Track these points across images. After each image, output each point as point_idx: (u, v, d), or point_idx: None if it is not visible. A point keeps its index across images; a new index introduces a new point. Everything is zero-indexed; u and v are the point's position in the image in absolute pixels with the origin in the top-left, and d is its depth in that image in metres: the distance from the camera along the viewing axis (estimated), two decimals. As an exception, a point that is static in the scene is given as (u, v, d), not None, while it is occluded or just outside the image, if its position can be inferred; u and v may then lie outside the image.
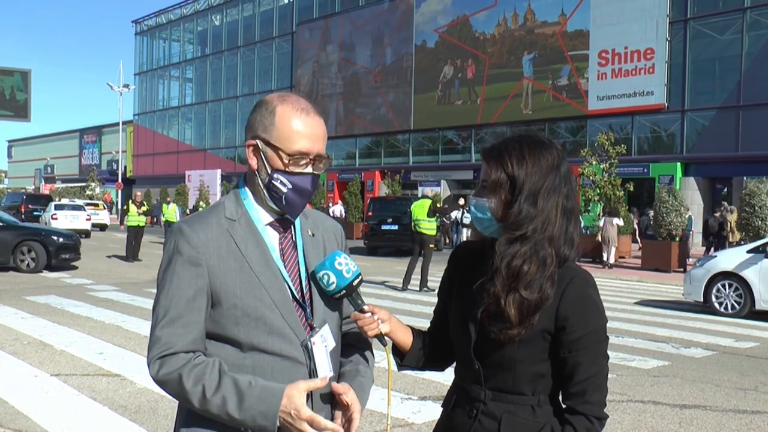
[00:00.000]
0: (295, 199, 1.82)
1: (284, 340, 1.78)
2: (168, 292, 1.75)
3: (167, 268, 1.77)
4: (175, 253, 1.77)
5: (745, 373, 7.73)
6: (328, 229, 2.02)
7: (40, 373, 6.79)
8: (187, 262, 1.75)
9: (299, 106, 1.81)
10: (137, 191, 23.24)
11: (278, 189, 1.80)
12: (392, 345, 2.01)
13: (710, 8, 31.72)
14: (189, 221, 1.81)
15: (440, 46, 41.58)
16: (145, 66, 68.01)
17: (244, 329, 1.76)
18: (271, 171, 1.81)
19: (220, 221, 1.81)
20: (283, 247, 1.87)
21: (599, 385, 1.80)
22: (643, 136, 33.67)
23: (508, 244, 1.80)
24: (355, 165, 46.21)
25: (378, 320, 1.88)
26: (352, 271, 1.84)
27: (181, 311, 1.74)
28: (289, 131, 1.79)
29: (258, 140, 1.81)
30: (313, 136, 1.81)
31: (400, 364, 2.06)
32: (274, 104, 1.82)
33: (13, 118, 31.56)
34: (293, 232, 1.91)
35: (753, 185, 19.90)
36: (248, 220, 1.84)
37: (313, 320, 1.84)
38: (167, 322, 1.73)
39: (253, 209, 1.86)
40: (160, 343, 1.72)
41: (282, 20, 52.74)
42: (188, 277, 1.75)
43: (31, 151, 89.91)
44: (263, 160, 1.81)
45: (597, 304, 1.83)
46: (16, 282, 14.30)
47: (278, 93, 1.87)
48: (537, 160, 1.81)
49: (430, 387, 6.51)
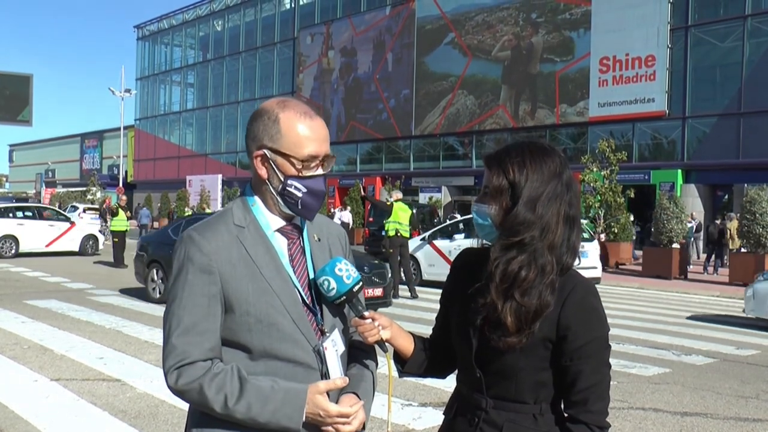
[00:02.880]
0: (311, 202, 1.83)
1: (296, 346, 1.78)
2: (181, 301, 1.75)
3: (178, 277, 1.77)
4: (186, 261, 1.76)
5: (746, 380, 7.71)
6: (333, 234, 2.03)
7: (40, 377, 6.78)
8: (200, 270, 1.75)
9: (301, 110, 1.82)
10: (123, 195, 22.86)
11: (293, 195, 1.81)
12: (393, 352, 2.00)
13: (711, 15, 31.79)
14: (198, 229, 1.81)
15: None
16: (146, 71, 68.13)
17: (257, 335, 1.76)
18: (284, 178, 1.81)
19: (230, 228, 1.81)
20: (292, 252, 1.88)
21: (601, 393, 1.79)
22: (644, 143, 33.69)
23: (503, 250, 1.78)
24: (356, 171, 46.22)
25: (378, 326, 1.87)
26: (352, 277, 1.84)
27: (195, 319, 1.73)
28: (297, 137, 1.79)
29: (266, 150, 1.81)
30: (319, 138, 1.82)
31: (402, 371, 2.05)
32: (275, 112, 1.82)
33: (15, 123, 31.60)
34: (301, 237, 1.91)
35: (754, 192, 19.88)
36: (257, 227, 1.84)
37: (323, 325, 1.85)
38: (182, 331, 1.73)
39: (262, 216, 1.86)
40: (177, 352, 1.72)
41: (283, 26, 52.86)
42: (201, 284, 1.74)
43: (32, 155, 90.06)
44: (274, 169, 1.81)
45: (599, 312, 1.82)
46: (16, 286, 14.29)
47: (275, 100, 1.86)
48: (539, 166, 1.80)
49: (431, 393, 6.50)
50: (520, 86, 37.55)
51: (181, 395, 1.73)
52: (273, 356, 1.77)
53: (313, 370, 1.80)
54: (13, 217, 22.19)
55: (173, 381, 1.71)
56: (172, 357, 1.72)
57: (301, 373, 1.78)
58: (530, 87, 37.15)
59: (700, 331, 11.33)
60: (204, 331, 1.73)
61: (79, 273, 17.48)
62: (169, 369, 1.72)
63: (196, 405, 1.75)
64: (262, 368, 1.76)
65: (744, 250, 19.86)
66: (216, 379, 1.70)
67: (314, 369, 1.80)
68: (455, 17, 40.75)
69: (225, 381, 1.70)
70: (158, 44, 67.16)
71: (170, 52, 66.13)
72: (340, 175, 45.88)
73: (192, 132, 63.06)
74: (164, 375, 1.73)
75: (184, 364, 1.71)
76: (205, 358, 1.72)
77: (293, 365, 1.78)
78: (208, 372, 1.70)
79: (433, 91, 41.92)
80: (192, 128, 62.99)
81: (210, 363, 1.73)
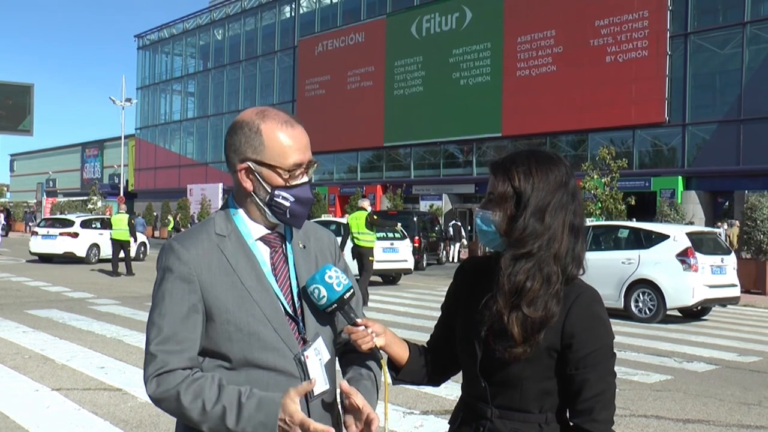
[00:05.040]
0: (300, 210, 1.84)
1: (278, 355, 1.78)
2: (161, 310, 1.75)
3: (159, 286, 1.78)
4: (166, 270, 1.77)
5: (748, 387, 7.69)
6: (322, 240, 2.01)
7: (41, 387, 6.77)
8: (179, 278, 1.75)
9: (281, 119, 1.82)
10: (122, 204, 23.02)
11: (281, 205, 1.81)
12: (387, 359, 1.99)
13: (710, 23, 31.89)
14: (179, 238, 1.82)
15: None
16: (147, 80, 68.26)
17: (237, 345, 1.76)
18: (272, 189, 1.81)
19: (211, 237, 1.82)
20: (274, 261, 1.87)
21: (606, 402, 1.78)
22: (644, 150, 33.75)
23: (514, 261, 1.78)
24: (357, 179, 46.24)
25: (372, 333, 1.86)
26: (343, 284, 1.83)
27: (175, 329, 1.73)
28: (281, 147, 1.79)
29: (250, 162, 1.81)
30: (302, 146, 1.83)
31: (396, 378, 2.04)
32: (256, 123, 1.81)
33: (16, 132, 31.64)
34: (284, 245, 1.91)
35: (754, 199, 19.87)
36: (238, 236, 1.84)
37: (305, 334, 1.84)
38: (162, 340, 1.73)
39: (243, 225, 1.86)
40: (156, 361, 1.72)
41: (284, 34, 53.00)
42: (181, 293, 1.75)
43: (33, 164, 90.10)
44: (260, 181, 1.82)
45: (604, 320, 1.81)
46: (17, 296, 14.28)
47: (253, 110, 1.85)
48: (545, 175, 1.80)
49: (433, 401, 6.48)
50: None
51: (159, 403, 1.74)
52: (254, 365, 1.77)
53: (295, 378, 1.79)
54: (95, 228, 24.65)
55: (152, 389, 1.72)
56: (152, 366, 1.72)
57: (283, 381, 1.77)
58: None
59: (702, 338, 11.31)
60: (183, 339, 1.73)
61: (80, 282, 17.47)
62: (148, 377, 1.73)
63: (173, 413, 1.74)
64: (244, 377, 1.76)
65: (747, 256, 19.78)
66: (194, 385, 1.69)
67: (296, 378, 1.79)
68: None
69: (203, 387, 1.69)
70: (159, 53, 67.31)
71: (171, 61, 66.27)
72: (340, 183, 45.90)
73: (193, 141, 63.13)
74: (144, 383, 1.74)
75: (162, 373, 1.71)
76: (184, 367, 1.72)
77: (275, 374, 1.77)
78: (186, 379, 1.70)
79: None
80: (193, 137, 63.06)
81: (190, 371, 1.72)
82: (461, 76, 40.38)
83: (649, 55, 32.54)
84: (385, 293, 16.79)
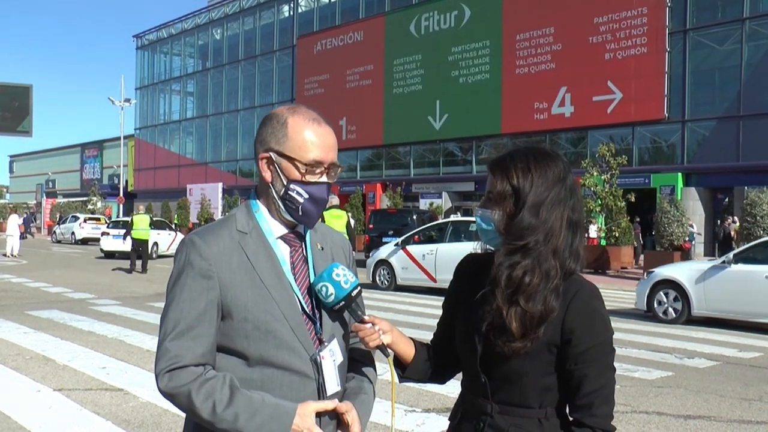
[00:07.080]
0: (312, 209, 1.83)
1: (293, 354, 1.78)
2: (178, 305, 1.74)
3: (177, 280, 1.77)
4: (186, 265, 1.76)
5: (749, 383, 7.70)
6: (336, 243, 2.03)
7: (42, 387, 6.78)
8: (199, 274, 1.74)
9: (310, 116, 1.83)
10: (140, 205, 23.93)
11: (294, 199, 1.81)
12: (394, 356, 2.00)
13: (709, 19, 31.87)
14: (200, 233, 1.81)
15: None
16: (146, 80, 68.22)
17: (254, 343, 1.76)
18: (287, 182, 1.81)
19: (232, 234, 1.81)
20: (294, 260, 1.88)
21: (606, 397, 1.79)
22: (643, 146, 33.73)
23: (508, 255, 1.79)
24: (357, 177, 46.25)
25: (379, 331, 1.87)
26: (350, 282, 1.83)
27: (191, 323, 1.72)
28: (303, 141, 1.80)
29: (272, 152, 1.82)
30: (326, 145, 1.83)
31: (402, 376, 2.05)
32: (284, 116, 1.83)
33: (15, 133, 31.61)
34: (304, 245, 1.91)
35: (754, 195, 19.87)
36: (260, 233, 1.84)
37: (322, 334, 1.84)
38: (177, 335, 1.72)
39: (265, 222, 1.86)
40: (169, 355, 1.71)
41: (282, 34, 52.95)
42: (199, 289, 1.74)
43: (32, 165, 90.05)
44: (278, 172, 1.82)
45: (603, 316, 1.82)
46: (18, 297, 14.30)
47: (287, 106, 1.88)
48: (543, 172, 1.81)
49: (434, 399, 6.49)
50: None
51: (170, 398, 1.73)
52: (269, 364, 1.76)
53: (309, 379, 1.79)
54: (154, 228, 26.54)
55: (163, 383, 1.71)
56: (164, 360, 1.71)
57: (297, 381, 1.77)
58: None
59: (703, 334, 11.32)
60: (198, 335, 1.72)
61: (80, 283, 17.49)
62: (160, 371, 1.71)
63: (184, 409, 1.74)
64: (258, 375, 1.76)
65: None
66: (206, 385, 1.69)
67: (310, 378, 1.79)
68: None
69: (215, 388, 1.69)
70: (157, 53, 67.26)
71: (169, 61, 66.22)
72: (340, 182, 45.87)
73: (192, 141, 63.10)
74: (155, 377, 1.73)
75: (175, 368, 1.70)
76: (197, 363, 1.71)
77: (289, 373, 1.77)
78: (198, 377, 1.70)
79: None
80: (192, 137, 63.03)
81: (202, 369, 1.72)
82: (460, 74, 40.36)
83: (648, 52, 32.53)
84: (385, 292, 16.82)
